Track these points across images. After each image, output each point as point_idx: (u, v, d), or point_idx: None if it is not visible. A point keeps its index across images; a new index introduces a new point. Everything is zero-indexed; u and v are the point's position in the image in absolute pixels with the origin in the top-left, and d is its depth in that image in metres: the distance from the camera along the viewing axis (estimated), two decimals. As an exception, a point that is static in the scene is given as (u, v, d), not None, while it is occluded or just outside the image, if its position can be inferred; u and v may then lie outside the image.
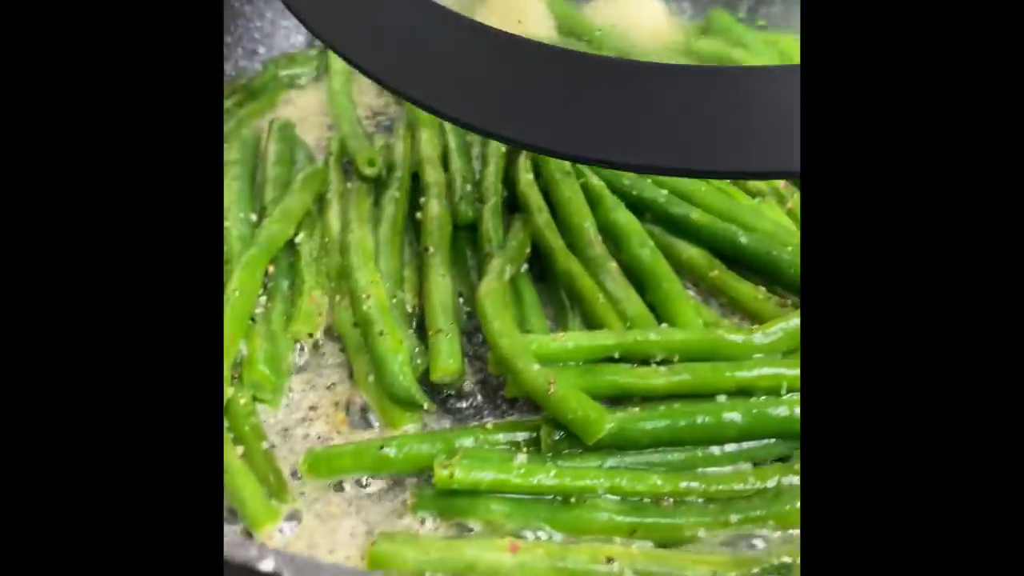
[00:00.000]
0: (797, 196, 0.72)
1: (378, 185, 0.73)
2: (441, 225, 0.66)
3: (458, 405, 0.58)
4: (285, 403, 0.59)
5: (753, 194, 0.72)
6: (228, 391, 0.56)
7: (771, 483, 0.52)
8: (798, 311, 0.60)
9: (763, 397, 0.55)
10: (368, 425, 0.58)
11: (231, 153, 0.75)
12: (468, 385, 0.59)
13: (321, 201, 0.72)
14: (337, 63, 0.89)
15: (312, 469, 0.54)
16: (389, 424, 0.56)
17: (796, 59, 0.85)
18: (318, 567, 0.35)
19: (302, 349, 0.62)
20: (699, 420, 0.53)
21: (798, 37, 0.96)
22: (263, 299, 0.63)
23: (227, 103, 0.84)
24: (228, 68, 0.89)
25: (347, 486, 0.54)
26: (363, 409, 0.58)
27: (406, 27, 0.47)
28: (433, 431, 0.56)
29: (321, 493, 0.53)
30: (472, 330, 0.62)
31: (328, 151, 0.76)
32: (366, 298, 0.59)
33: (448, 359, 0.57)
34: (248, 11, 0.90)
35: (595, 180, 0.69)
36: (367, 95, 0.88)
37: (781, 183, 0.71)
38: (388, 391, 0.56)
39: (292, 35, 0.94)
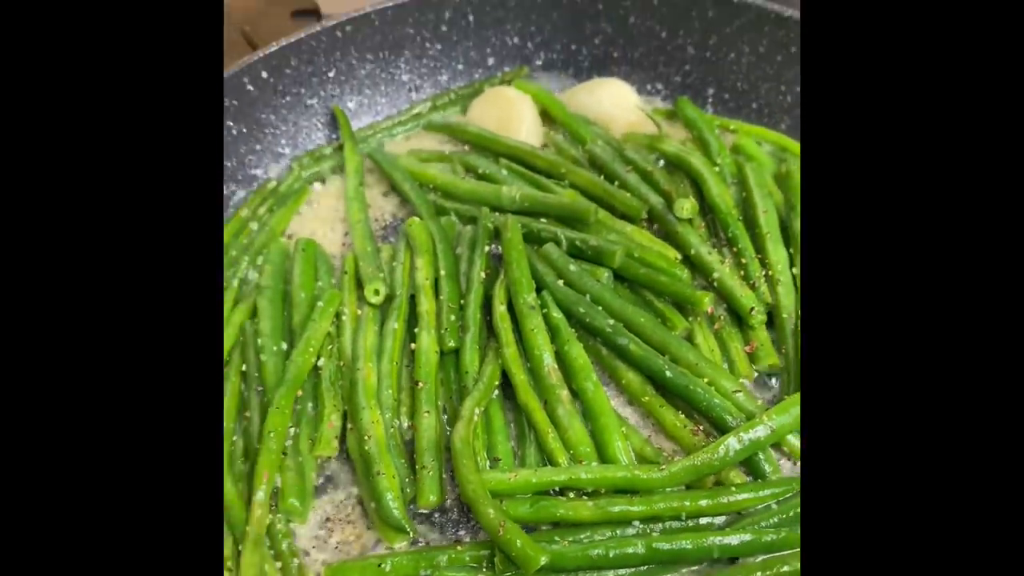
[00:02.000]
0: (723, 317, 0.87)
1: (384, 306, 0.90)
2: (429, 358, 0.84)
3: (440, 519, 0.77)
4: (312, 517, 0.78)
5: (687, 315, 0.88)
6: (268, 518, 0.75)
7: (665, 598, 0.71)
8: (707, 443, 0.77)
9: (668, 524, 0.74)
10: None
11: (264, 279, 0.92)
12: (448, 502, 0.78)
13: (338, 319, 0.90)
14: (351, 163, 1.04)
15: (330, 580, 0.74)
16: (386, 540, 0.76)
17: (750, 155, 0.98)
18: None
19: (324, 465, 0.81)
20: (611, 553, 0.71)
21: (753, 124, 1.08)
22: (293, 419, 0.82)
23: (260, 210, 1.01)
24: (259, 172, 1.05)
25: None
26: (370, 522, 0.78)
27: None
28: (419, 546, 0.75)
29: (338, 595, 0.74)
30: (453, 450, 0.80)
31: (343, 270, 0.93)
32: (368, 439, 0.78)
33: (429, 495, 0.76)
34: (273, 119, 1.05)
35: (555, 313, 0.86)
36: (377, 194, 1.04)
37: (709, 307, 0.86)
38: (383, 520, 0.75)
39: (313, 133, 1.09)
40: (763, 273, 0.89)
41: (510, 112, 1.06)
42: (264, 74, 1.02)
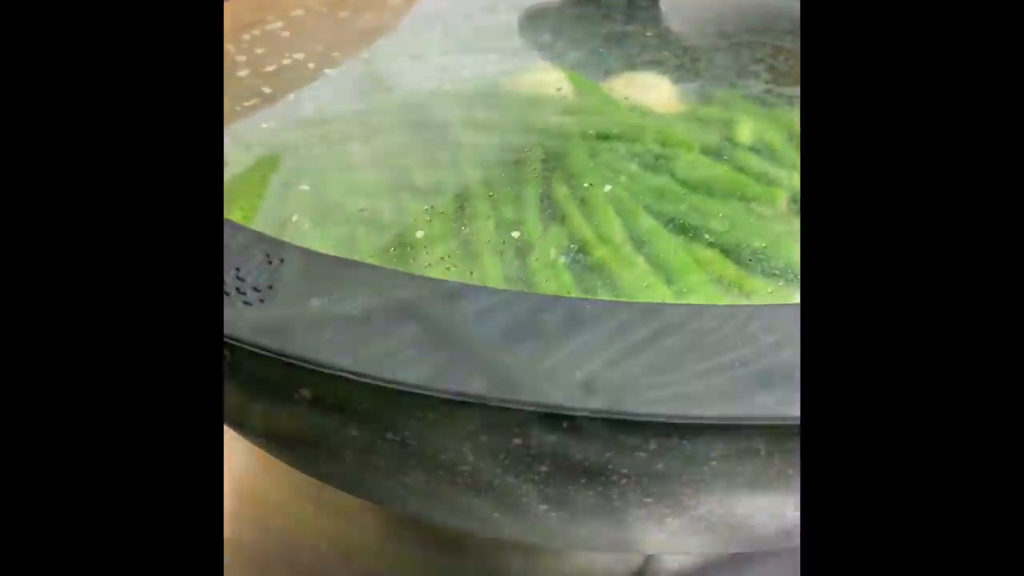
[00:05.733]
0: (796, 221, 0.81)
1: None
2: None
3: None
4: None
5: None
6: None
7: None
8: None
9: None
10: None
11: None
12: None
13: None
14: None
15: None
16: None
17: (785, 122, 0.95)
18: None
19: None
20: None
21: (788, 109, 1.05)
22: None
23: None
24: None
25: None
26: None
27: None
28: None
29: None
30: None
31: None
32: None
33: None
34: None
35: (621, 191, 0.78)
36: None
37: (784, 203, 0.80)
38: None
39: (339, 92, 1.04)
40: (833, 189, 0.84)
41: (545, 81, 1.04)
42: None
